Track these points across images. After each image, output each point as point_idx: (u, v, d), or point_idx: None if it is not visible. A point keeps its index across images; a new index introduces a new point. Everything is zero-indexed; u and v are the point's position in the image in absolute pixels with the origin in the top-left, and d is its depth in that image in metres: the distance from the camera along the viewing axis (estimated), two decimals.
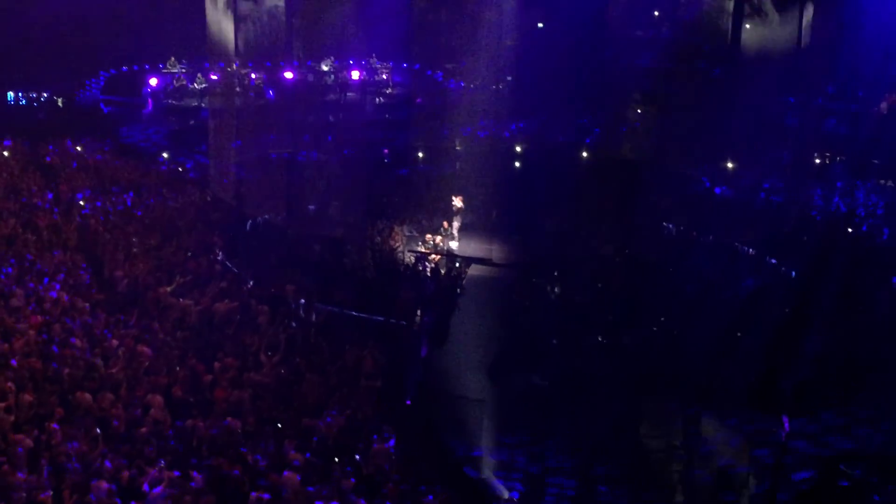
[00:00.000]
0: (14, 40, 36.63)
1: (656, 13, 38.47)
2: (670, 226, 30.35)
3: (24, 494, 11.78)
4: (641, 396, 19.55)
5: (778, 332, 21.32)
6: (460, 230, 29.64)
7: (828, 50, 32.44)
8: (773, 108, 33.24)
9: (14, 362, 15.55)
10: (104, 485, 12.22)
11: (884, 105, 32.65)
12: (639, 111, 36.90)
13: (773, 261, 26.92)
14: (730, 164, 34.02)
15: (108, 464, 12.99)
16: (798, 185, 32.29)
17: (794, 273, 25.92)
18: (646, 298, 23.54)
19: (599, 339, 22.33)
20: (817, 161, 33.83)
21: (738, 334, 21.96)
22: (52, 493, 11.97)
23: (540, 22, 41.25)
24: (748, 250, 27.72)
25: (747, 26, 35.75)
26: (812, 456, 17.84)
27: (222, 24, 37.51)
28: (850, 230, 29.06)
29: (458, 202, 29.50)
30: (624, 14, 36.48)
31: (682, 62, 35.67)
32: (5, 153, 32.05)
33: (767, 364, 19.98)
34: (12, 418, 13.75)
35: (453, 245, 29.03)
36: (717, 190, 32.75)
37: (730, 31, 35.59)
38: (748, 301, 24.00)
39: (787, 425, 17.98)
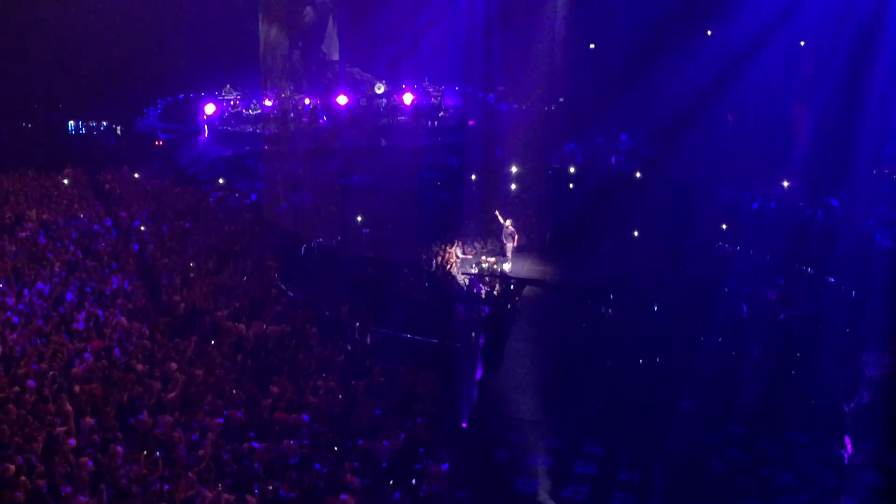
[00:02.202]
0: (74, 71, 37.48)
1: (709, 32, 38.14)
2: (726, 246, 29.97)
3: None
4: (700, 420, 19.21)
5: (836, 352, 20.92)
6: (514, 252, 29.54)
7: None
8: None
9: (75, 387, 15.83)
10: None
11: None
12: (691, 132, 36.56)
13: (832, 280, 26.47)
14: (785, 183, 33.57)
15: (166, 486, 13.13)
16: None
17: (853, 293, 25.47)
18: (704, 320, 23.15)
19: (657, 361, 22.01)
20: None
21: (798, 354, 21.57)
22: None
23: (592, 43, 41.20)
24: (806, 269, 27.29)
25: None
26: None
27: (276, 51, 38.01)
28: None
29: (511, 224, 29.38)
30: (677, 34, 36.17)
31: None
32: (66, 181, 32.71)
33: (828, 385, 19.61)
34: (74, 442, 13.96)
35: (507, 267, 28.94)
36: (773, 209, 32.32)
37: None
38: (803, 321, 23.58)
39: (849, 447, 17.63)
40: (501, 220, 29.40)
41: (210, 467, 13.91)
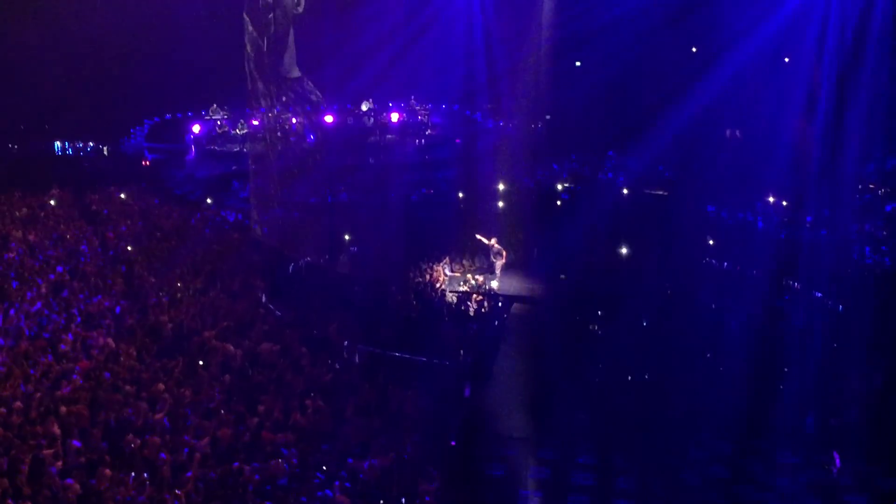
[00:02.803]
0: (60, 91, 37.39)
1: (694, 49, 38.28)
2: (713, 261, 30.10)
3: None
4: (691, 437, 19.24)
5: (825, 369, 21.03)
6: (502, 269, 29.58)
7: None
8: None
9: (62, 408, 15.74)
10: None
11: None
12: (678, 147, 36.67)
13: (818, 294, 26.57)
14: (771, 199, 33.67)
15: None
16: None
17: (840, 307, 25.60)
18: (691, 335, 23.22)
19: (646, 377, 22.05)
20: None
21: (786, 369, 21.65)
22: None
23: (578, 60, 41.33)
24: (792, 284, 27.40)
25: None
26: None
27: (262, 71, 37.97)
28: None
29: (496, 243, 29.45)
30: (664, 51, 36.28)
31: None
32: (52, 202, 32.61)
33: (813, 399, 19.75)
34: (60, 464, 13.88)
35: (495, 284, 28.97)
36: (761, 225, 32.45)
37: None
38: (797, 336, 23.65)
39: (837, 461, 17.68)
40: (486, 242, 29.49)
41: (198, 488, 13.85)
